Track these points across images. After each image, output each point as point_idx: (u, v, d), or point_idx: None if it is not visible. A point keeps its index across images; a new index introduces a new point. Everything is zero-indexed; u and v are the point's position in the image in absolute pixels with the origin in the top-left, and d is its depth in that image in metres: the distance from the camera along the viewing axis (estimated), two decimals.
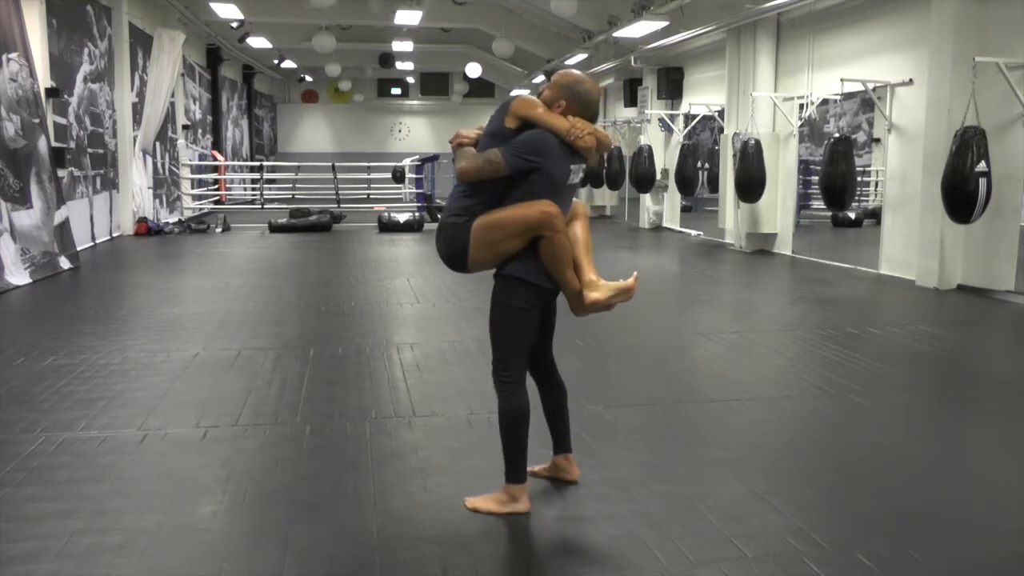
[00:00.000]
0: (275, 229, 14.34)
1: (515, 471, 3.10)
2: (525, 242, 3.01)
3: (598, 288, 3.09)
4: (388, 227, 14.53)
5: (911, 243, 8.85)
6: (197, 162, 18.05)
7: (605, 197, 18.49)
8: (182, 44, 14.78)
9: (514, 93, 3.17)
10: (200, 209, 17.54)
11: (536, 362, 3.31)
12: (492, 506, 3.10)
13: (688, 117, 14.12)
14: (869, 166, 14.31)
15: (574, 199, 3.25)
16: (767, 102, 11.27)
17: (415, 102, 30.95)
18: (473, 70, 23.24)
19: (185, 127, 16.89)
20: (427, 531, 2.98)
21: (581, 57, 17.48)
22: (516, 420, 3.06)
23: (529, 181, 3.00)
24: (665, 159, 15.01)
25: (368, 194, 18.35)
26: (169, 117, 15.19)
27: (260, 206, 17.04)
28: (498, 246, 3.02)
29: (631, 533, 2.96)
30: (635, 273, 3.13)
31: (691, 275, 9.96)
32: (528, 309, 3.08)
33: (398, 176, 18.14)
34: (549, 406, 3.36)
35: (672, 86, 14.73)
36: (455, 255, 3.09)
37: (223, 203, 19.15)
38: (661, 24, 12.78)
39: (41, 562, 2.73)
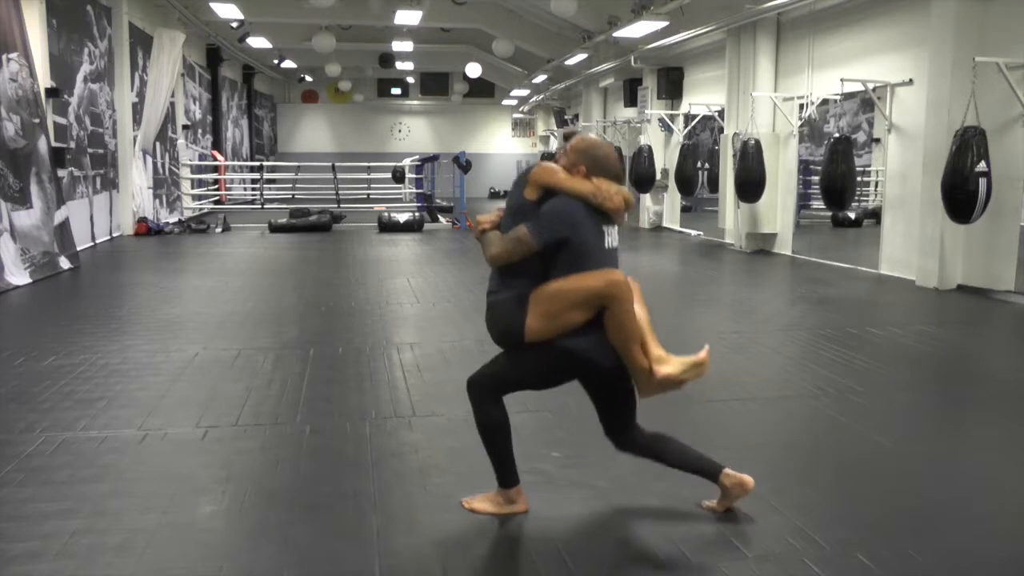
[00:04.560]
0: (275, 229, 14.35)
1: (504, 476, 3.07)
2: (590, 314, 2.84)
3: (669, 363, 2.91)
4: (388, 227, 14.53)
5: (911, 243, 8.85)
6: (197, 162, 18.05)
7: None
8: (182, 44, 14.77)
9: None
10: (200, 209, 17.55)
11: (620, 439, 3.15)
12: (490, 507, 3.09)
13: (688, 117, 14.12)
14: (869, 166, 14.32)
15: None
16: (767, 102, 11.26)
17: (415, 102, 30.93)
18: (473, 70, 23.23)
19: (185, 127, 16.89)
20: (427, 531, 2.98)
21: (581, 57, 17.48)
22: (491, 428, 3.01)
23: (567, 253, 2.86)
24: (665, 159, 15.02)
25: (368, 194, 18.35)
26: (169, 117, 15.19)
27: (260, 206, 17.04)
28: (560, 317, 2.84)
29: (631, 533, 2.95)
30: (706, 347, 2.96)
31: (691, 275, 9.96)
32: (561, 379, 3.00)
33: (398, 176, 18.14)
34: (670, 460, 3.14)
35: (672, 86, 14.74)
36: (509, 329, 2.93)
37: (223, 203, 19.15)
38: (661, 24, 12.78)
39: (41, 562, 2.72)
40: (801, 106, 10.85)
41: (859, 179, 11.36)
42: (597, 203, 2.90)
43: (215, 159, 19.54)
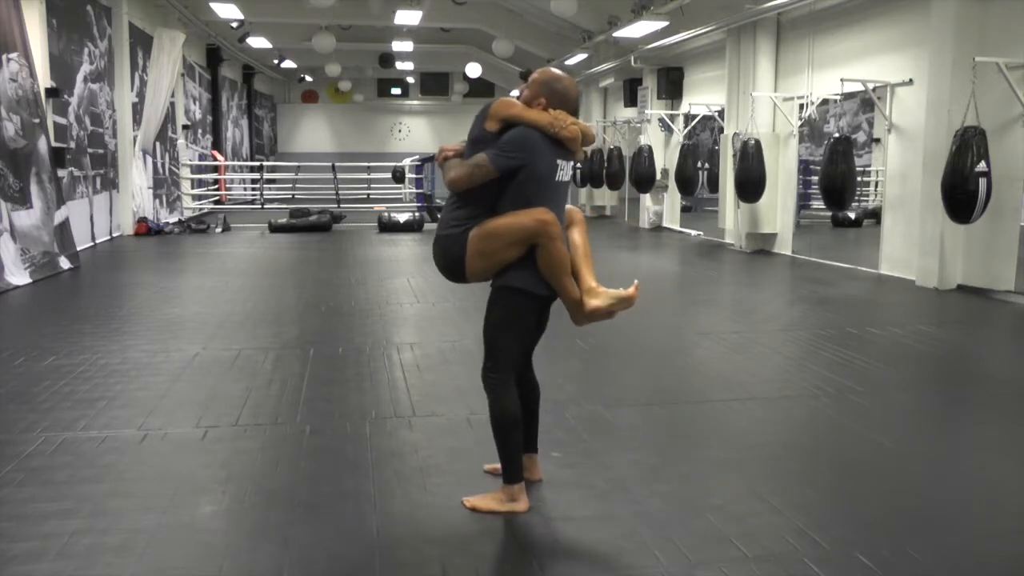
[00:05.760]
0: (275, 229, 14.34)
1: (511, 471, 3.10)
2: (522, 251, 3.01)
3: (598, 295, 3.07)
4: (388, 227, 14.52)
5: (911, 243, 8.85)
6: (197, 162, 18.05)
7: (605, 197, 18.49)
8: (182, 44, 14.77)
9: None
10: (200, 209, 17.54)
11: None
12: (492, 504, 3.11)
13: (688, 117, 14.12)
14: (869, 166, 14.32)
15: (570, 205, 3.24)
16: (767, 102, 11.26)
17: (415, 102, 30.94)
18: (473, 70, 23.24)
19: (185, 127, 16.89)
20: (427, 531, 2.98)
21: (581, 57, 17.48)
22: (506, 422, 3.07)
23: (518, 182, 2.99)
24: (665, 159, 15.01)
25: (368, 194, 18.34)
26: (169, 117, 15.19)
27: (260, 206, 17.03)
28: (495, 256, 3.02)
29: (631, 533, 2.96)
30: (636, 281, 3.09)
31: (691, 275, 9.96)
32: (524, 316, 3.10)
33: (398, 176, 18.13)
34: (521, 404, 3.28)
35: (672, 86, 14.73)
36: (453, 266, 3.10)
37: (223, 203, 19.14)
38: (661, 24, 12.78)
39: (41, 562, 2.73)
40: (801, 106, 10.84)
41: (859, 179, 11.35)
42: (553, 132, 3.03)
43: (215, 159, 19.53)
